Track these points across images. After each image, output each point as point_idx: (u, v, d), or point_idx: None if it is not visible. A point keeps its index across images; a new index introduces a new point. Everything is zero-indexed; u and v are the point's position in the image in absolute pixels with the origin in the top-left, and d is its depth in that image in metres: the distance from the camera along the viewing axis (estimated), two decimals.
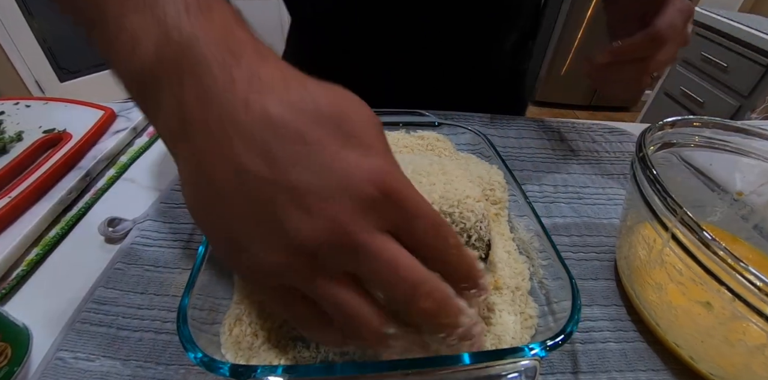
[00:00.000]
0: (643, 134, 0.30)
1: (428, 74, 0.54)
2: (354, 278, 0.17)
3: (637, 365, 0.26)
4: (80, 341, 0.25)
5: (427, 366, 0.18)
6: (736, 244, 0.34)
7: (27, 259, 0.32)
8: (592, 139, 0.50)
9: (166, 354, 0.25)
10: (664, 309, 0.26)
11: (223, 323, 0.24)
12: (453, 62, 0.54)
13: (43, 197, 0.36)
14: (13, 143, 0.42)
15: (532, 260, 0.29)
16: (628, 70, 0.36)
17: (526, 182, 0.42)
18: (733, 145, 0.34)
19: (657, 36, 0.34)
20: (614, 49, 0.35)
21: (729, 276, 0.20)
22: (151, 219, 0.34)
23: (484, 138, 0.37)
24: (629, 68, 0.36)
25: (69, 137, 0.42)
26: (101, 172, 0.42)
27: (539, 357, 0.19)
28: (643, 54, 0.35)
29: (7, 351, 0.24)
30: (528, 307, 0.26)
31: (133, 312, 0.27)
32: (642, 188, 0.26)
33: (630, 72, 0.37)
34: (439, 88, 0.55)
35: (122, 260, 0.30)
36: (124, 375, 0.24)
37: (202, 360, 0.18)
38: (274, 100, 0.16)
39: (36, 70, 2.06)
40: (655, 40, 0.34)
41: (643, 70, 0.36)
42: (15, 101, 0.49)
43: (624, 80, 0.38)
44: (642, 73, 0.36)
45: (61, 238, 0.34)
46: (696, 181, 0.35)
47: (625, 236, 0.31)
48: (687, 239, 0.22)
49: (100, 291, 0.28)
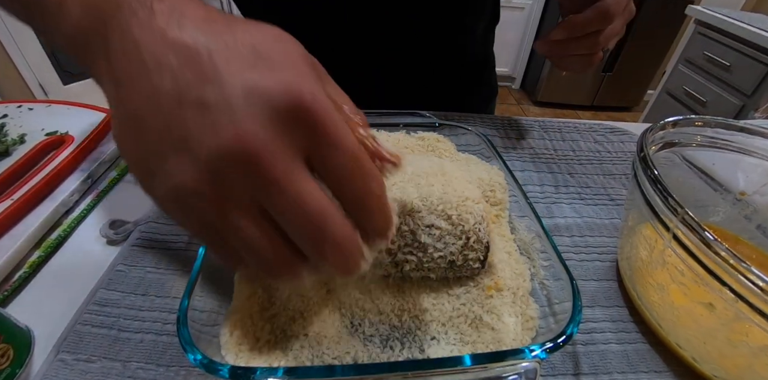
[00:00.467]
0: (645, 133, 0.30)
1: (407, 70, 0.55)
2: (264, 211, 0.16)
3: (640, 366, 0.26)
4: (81, 342, 0.25)
5: (426, 368, 0.18)
6: (739, 244, 0.34)
7: (29, 261, 0.32)
8: (594, 139, 0.50)
9: (167, 355, 0.25)
10: (666, 310, 0.26)
11: (223, 324, 0.24)
12: (428, 54, 0.55)
13: (45, 200, 0.36)
14: (15, 145, 0.42)
15: (532, 260, 0.29)
16: (581, 45, 0.39)
17: (527, 183, 0.42)
18: (736, 144, 0.33)
19: (605, 11, 0.36)
20: (566, 24, 0.37)
21: (731, 277, 0.20)
22: (152, 221, 0.34)
23: (485, 139, 0.37)
24: (582, 43, 0.38)
25: (71, 140, 0.43)
26: (103, 174, 0.42)
27: (540, 359, 0.19)
28: (594, 28, 0.37)
29: (9, 353, 0.24)
30: (529, 308, 0.26)
31: (134, 314, 0.27)
32: (643, 188, 0.26)
33: (583, 47, 0.39)
34: (417, 83, 0.56)
35: (123, 262, 0.31)
36: (124, 376, 0.24)
37: (202, 361, 0.18)
38: (189, 29, 0.16)
39: (39, 73, 2.07)
40: (603, 15, 0.36)
41: (595, 45, 0.38)
42: (18, 104, 0.49)
43: (579, 55, 0.40)
44: (594, 47, 0.39)
45: (63, 240, 0.34)
46: (698, 181, 0.35)
47: (626, 237, 0.31)
48: (688, 240, 0.22)
49: (102, 293, 0.28)
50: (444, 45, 0.55)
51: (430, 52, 0.55)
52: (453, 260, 0.26)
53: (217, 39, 0.16)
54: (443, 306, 0.26)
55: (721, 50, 1.49)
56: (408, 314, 0.25)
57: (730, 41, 1.45)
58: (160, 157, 0.16)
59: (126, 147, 0.17)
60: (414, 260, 0.25)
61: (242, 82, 0.15)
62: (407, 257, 0.25)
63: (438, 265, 0.26)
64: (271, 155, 0.15)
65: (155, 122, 0.16)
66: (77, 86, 2.24)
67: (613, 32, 0.38)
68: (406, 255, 0.25)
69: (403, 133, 0.40)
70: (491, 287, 0.27)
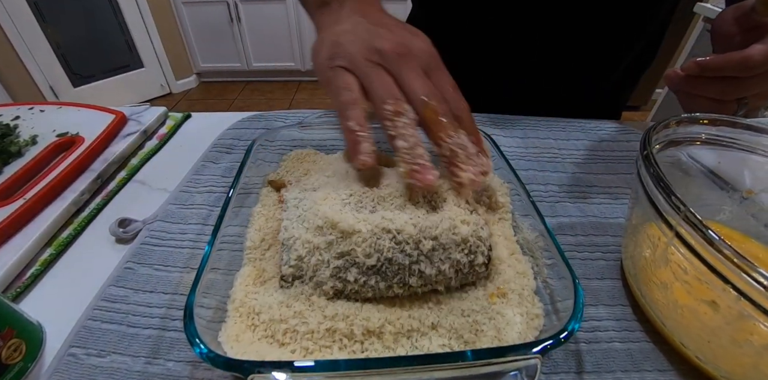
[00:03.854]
0: (648, 132, 0.30)
1: (543, 80, 0.55)
2: (393, 79, 0.29)
3: (643, 365, 0.26)
4: (91, 338, 0.26)
5: (428, 363, 0.19)
6: (747, 243, 0.33)
7: (41, 258, 0.32)
8: (599, 138, 0.50)
9: (174, 350, 0.25)
10: (669, 309, 0.26)
11: (225, 320, 0.25)
12: (572, 71, 0.53)
13: (56, 199, 0.37)
14: (28, 146, 0.43)
15: (536, 259, 0.29)
16: (712, 88, 0.34)
17: (531, 182, 0.42)
18: (742, 142, 0.33)
19: (748, 58, 0.32)
20: (700, 61, 0.33)
21: (734, 274, 0.20)
22: (160, 220, 0.35)
23: (489, 138, 0.37)
24: (715, 87, 0.34)
25: (81, 141, 0.43)
26: (112, 174, 0.43)
27: (540, 355, 0.19)
28: (731, 74, 0.33)
29: (21, 347, 0.24)
30: (534, 307, 0.26)
31: (143, 310, 0.28)
32: (646, 186, 0.26)
33: (714, 91, 0.34)
34: (546, 95, 0.55)
35: (132, 260, 0.31)
36: (133, 370, 0.24)
37: (208, 355, 0.19)
38: (383, 16, 0.33)
39: (50, 75, 2.11)
40: (745, 63, 0.32)
41: (728, 92, 0.34)
42: (30, 106, 0.51)
43: (706, 98, 0.35)
44: (726, 95, 0.34)
45: (74, 238, 0.35)
46: (704, 179, 0.35)
47: (630, 236, 0.30)
48: (691, 237, 0.22)
49: (111, 290, 0.29)
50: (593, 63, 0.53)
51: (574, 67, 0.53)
52: (459, 269, 0.26)
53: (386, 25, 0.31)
54: (447, 317, 0.25)
55: None
56: (411, 321, 0.25)
57: None
58: (351, 42, 0.30)
59: (322, 47, 0.31)
60: (420, 281, 0.25)
61: (410, 33, 0.31)
62: (411, 279, 0.25)
63: (445, 276, 0.26)
64: (410, 61, 0.29)
65: (356, 32, 0.30)
66: (87, 89, 2.27)
67: (755, 88, 0.33)
68: (412, 276, 0.25)
69: None
70: (494, 294, 0.27)
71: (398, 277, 0.25)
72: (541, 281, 0.28)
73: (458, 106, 0.29)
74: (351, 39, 0.29)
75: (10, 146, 0.42)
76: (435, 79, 0.29)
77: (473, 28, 0.53)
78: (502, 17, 0.50)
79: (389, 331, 0.24)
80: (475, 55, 0.55)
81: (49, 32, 2.03)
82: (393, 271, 0.25)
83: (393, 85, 0.28)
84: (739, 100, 0.35)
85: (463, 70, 0.41)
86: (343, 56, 0.29)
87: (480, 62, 0.55)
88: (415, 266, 0.25)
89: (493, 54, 0.54)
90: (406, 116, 0.27)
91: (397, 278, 0.25)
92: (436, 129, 0.28)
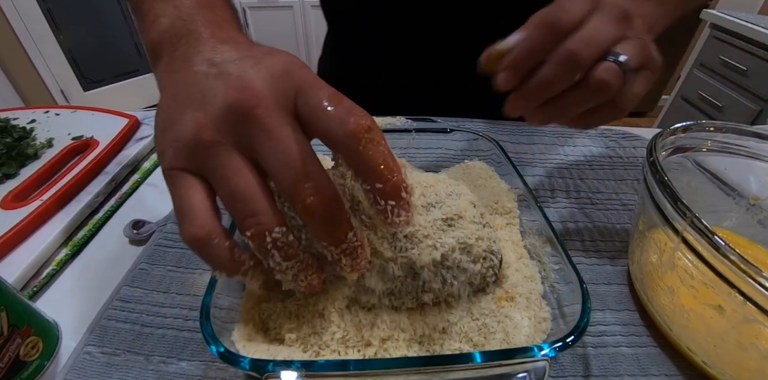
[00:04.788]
0: (654, 138, 0.30)
1: (445, 78, 0.56)
2: (256, 166, 0.20)
3: (650, 370, 0.26)
4: (106, 337, 0.26)
5: (437, 364, 0.19)
6: (753, 249, 0.34)
7: (57, 259, 0.33)
8: (605, 144, 0.50)
9: (188, 350, 0.26)
10: (676, 313, 0.26)
11: (238, 320, 0.25)
12: (468, 66, 0.55)
13: (72, 201, 0.38)
14: (44, 149, 0.44)
15: (543, 264, 0.29)
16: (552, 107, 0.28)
17: (538, 188, 0.42)
18: (748, 149, 0.33)
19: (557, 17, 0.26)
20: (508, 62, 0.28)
21: (739, 279, 0.20)
22: (173, 222, 0.35)
23: (496, 144, 0.38)
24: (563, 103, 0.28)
25: (96, 144, 0.44)
26: (126, 177, 0.43)
27: (548, 358, 0.19)
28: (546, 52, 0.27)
29: (38, 345, 0.25)
30: (542, 310, 0.27)
31: (157, 310, 0.28)
32: (653, 192, 0.27)
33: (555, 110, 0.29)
34: (452, 93, 0.57)
35: (146, 261, 0.32)
36: (147, 369, 0.25)
37: (224, 354, 0.19)
38: (231, 50, 0.22)
39: (61, 79, 2.14)
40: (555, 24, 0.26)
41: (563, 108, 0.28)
42: (45, 110, 0.52)
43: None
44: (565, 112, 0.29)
45: (89, 239, 0.36)
46: (711, 186, 0.35)
47: (637, 241, 0.31)
48: (697, 243, 0.23)
49: (125, 290, 0.29)
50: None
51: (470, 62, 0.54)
52: (471, 282, 0.26)
53: (242, 57, 0.22)
54: (458, 322, 0.26)
55: (737, 54, 1.47)
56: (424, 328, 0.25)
57: (747, 45, 1.43)
58: (183, 109, 0.21)
59: (163, 117, 0.22)
60: (433, 296, 0.26)
61: (266, 64, 0.21)
62: (425, 296, 0.25)
63: (458, 290, 0.26)
64: (269, 113, 0.20)
65: (190, 91, 0.21)
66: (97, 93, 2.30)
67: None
68: (426, 293, 0.25)
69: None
70: (502, 298, 0.27)
71: (411, 295, 0.25)
72: (549, 286, 0.28)
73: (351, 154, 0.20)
74: (176, 116, 0.21)
75: (27, 149, 0.43)
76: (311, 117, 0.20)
77: (378, 34, 0.54)
78: (400, 20, 0.52)
79: (402, 338, 0.24)
80: (385, 60, 0.56)
81: (62, 38, 2.07)
82: (406, 290, 0.25)
83: (249, 185, 0.20)
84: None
85: (377, 74, 0.43)
86: (173, 148, 0.21)
87: (391, 65, 0.56)
88: (428, 284, 0.25)
89: (401, 55, 0.55)
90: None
91: (409, 296, 0.25)
92: (320, 236, 0.20)
